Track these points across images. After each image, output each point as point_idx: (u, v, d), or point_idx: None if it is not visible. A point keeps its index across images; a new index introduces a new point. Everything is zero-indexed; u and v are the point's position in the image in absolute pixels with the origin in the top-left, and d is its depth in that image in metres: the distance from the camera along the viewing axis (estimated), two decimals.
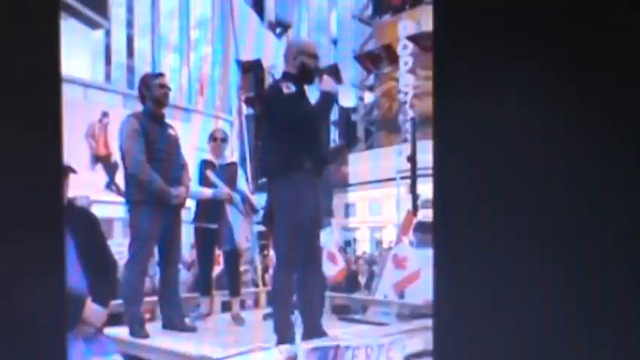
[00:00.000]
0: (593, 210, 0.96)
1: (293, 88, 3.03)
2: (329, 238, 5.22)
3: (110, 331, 3.21)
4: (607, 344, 0.96)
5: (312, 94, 3.15)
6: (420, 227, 5.49)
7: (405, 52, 15.28)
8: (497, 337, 1.00)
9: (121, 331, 3.28)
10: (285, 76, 3.14)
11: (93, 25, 12.94)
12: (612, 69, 0.94)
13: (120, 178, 4.19)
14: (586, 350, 0.97)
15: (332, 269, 5.24)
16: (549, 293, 0.97)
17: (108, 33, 14.96)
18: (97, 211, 4.09)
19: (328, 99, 3.07)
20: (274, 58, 5.14)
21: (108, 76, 15.23)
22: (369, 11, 19.06)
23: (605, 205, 0.96)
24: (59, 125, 0.94)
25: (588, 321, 0.96)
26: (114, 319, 3.29)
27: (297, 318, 3.14)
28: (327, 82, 3.07)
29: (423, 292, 4.59)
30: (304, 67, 3.09)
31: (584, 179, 0.96)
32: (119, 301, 3.32)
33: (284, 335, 3.00)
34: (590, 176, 0.96)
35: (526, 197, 0.98)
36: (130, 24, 15.76)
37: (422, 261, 4.72)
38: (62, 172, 1.03)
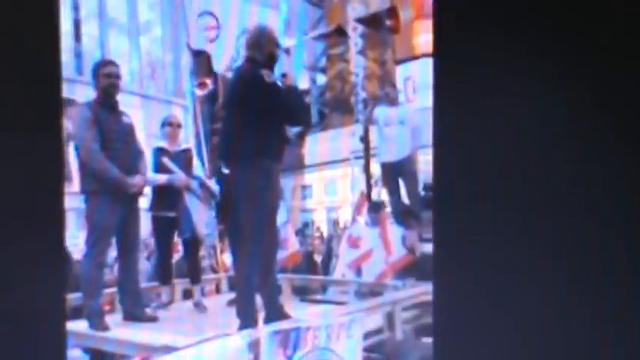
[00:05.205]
0: (594, 209, 0.98)
1: (273, 77, 3.11)
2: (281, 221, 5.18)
3: (69, 325, 3.16)
4: (607, 343, 0.98)
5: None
6: (373, 207, 5.60)
7: (355, 34, 15.24)
8: (497, 336, 1.02)
9: (81, 325, 3.23)
10: (254, 62, 3.17)
11: None
12: (612, 69, 0.95)
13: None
14: (586, 349, 0.99)
15: (282, 252, 5.20)
16: (549, 292, 0.99)
17: None
18: None
19: (293, 90, 3.23)
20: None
21: None
22: None
23: (605, 204, 0.97)
24: (59, 123, 0.92)
25: (588, 320, 0.99)
26: (73, 313, 3.24)
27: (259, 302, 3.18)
28: (290, 77, 3.24)
29: (375, 269, 4.71)
30: (272, 56, 3.21)
31: (584, 178, 0.98)
32: (78, 295, 3.27)
33: (247, 319, 3.02)
34: (590, 175, 0.97)
35: (526, 196, 0.99)
36: (75, 7, 15.19)
37: (374, 240, 4.82)
38: (62, 170, 1.01)
